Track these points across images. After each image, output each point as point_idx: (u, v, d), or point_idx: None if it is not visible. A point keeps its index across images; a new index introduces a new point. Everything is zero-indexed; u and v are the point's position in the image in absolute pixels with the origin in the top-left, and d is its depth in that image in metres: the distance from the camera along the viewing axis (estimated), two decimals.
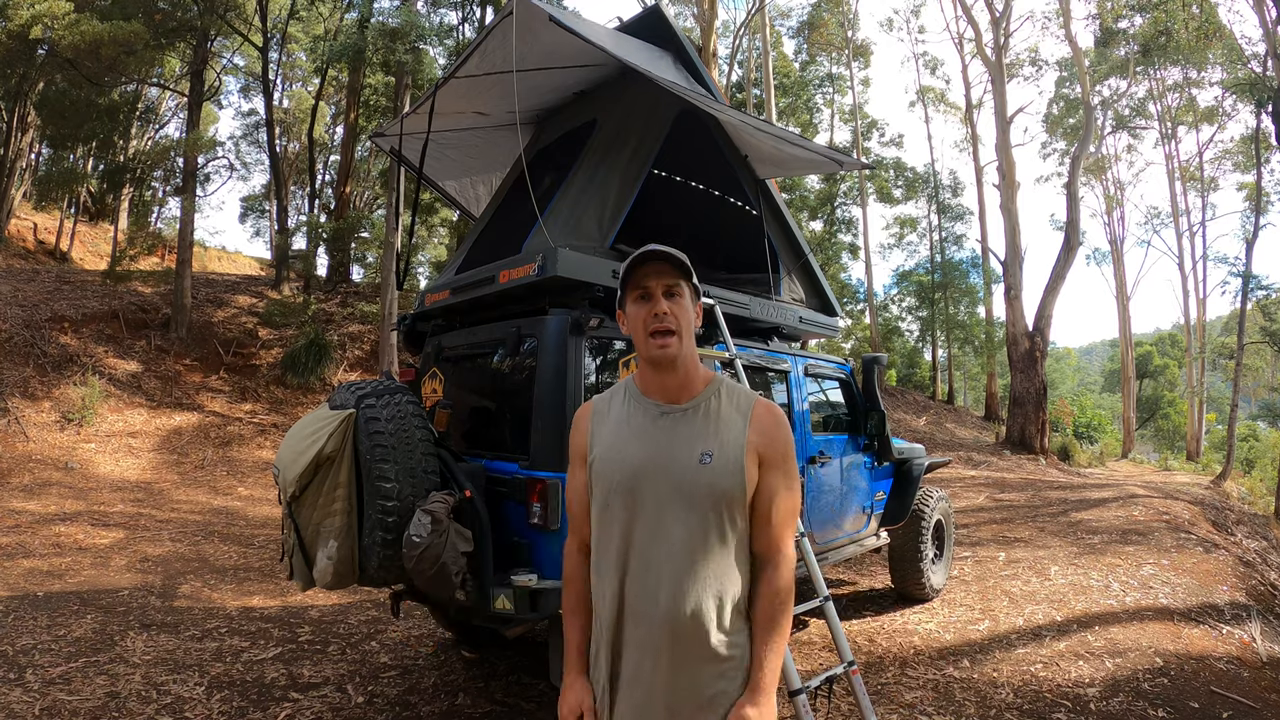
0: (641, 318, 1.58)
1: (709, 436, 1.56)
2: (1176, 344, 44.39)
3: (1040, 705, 3.82)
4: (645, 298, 1.59)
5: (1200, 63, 24.87)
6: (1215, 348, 32.82)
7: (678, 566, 1.52)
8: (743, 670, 1.55)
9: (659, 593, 1.51)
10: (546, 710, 3.73)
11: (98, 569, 6.27)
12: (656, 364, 1.60)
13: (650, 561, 1.52)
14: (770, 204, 4.97)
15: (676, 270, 1.59)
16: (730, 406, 1.61)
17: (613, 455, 1.59)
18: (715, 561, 1.54)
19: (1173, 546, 7.46)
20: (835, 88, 33.98)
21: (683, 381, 1.62)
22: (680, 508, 1.53)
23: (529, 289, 3.46)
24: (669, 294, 1.58)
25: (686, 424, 1.58)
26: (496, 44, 3.76)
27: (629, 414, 1.63)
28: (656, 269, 1.58)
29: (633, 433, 1.60)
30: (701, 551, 1.52)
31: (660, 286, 1.58)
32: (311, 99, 24.67)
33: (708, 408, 1.60)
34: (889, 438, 5.19)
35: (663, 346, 1.56)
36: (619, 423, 1.63)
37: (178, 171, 20.62)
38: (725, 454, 1.54)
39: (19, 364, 11.92)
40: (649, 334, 1.57)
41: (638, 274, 1.59)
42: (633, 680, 1.54)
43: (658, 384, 1.63)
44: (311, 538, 3.06)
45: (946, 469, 15.00)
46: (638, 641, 1.53)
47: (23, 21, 14.11)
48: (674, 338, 1.56)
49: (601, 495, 1.60)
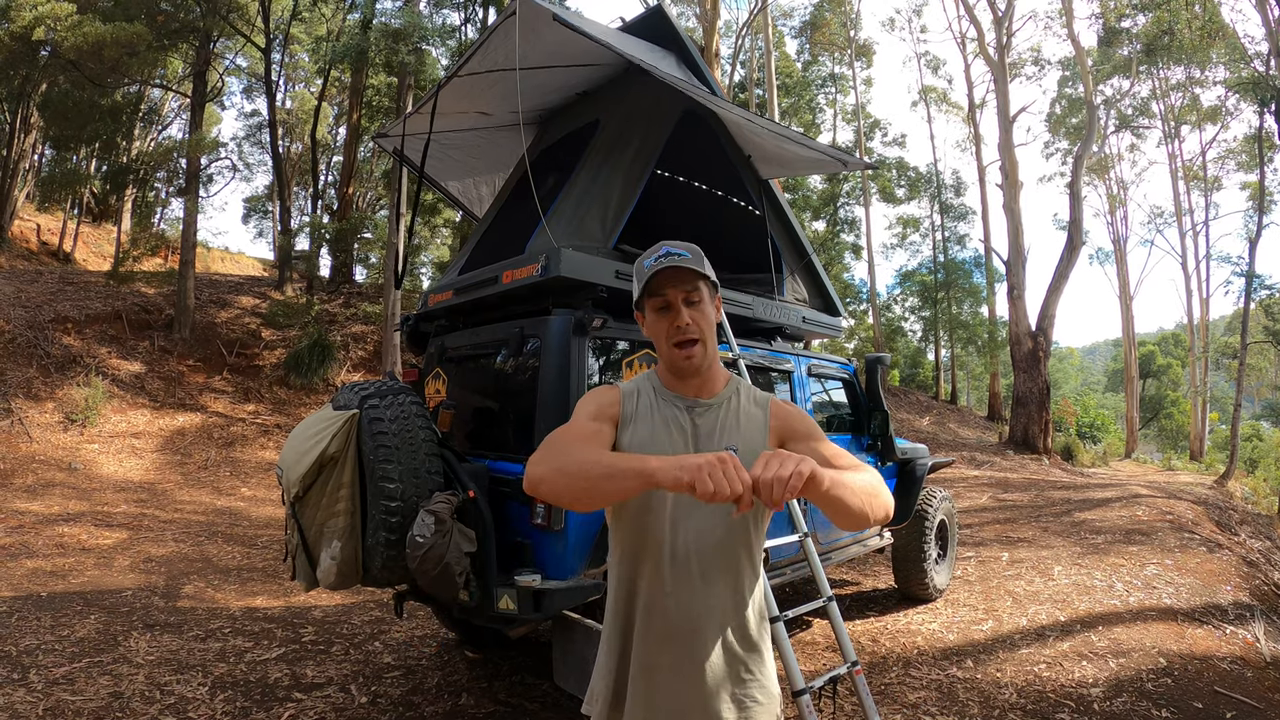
0: (664, 330, 1.59)
1: (733, 430, 1.59)
2: (1180, 343, 44.34)
3: (1044, 705, 3.81)
4: (666, 308, 1.59)
5: (1203, 62, 24.82)
6: (1218, 347, 32.79)
7: (701, 558, 1.52)
8: (760, 676, 1.55)
9: (682, 584, 1.51)
10: (550, 710, 3.73)
11: (101, 569, 6.28)
12: (682, 374, 1.62)
13: (675, 552, 1.52)
14: (773, 204, 4.97)
15: (694, 276, 1.59)
16: (750, 402, 1.65)
17: (643, 443, 1.58)
18: (736, 554, 1.55)
19: (1176, 546, 7.45)
20: (838, 88, 33.96)
21: (706, 381, 1.64)
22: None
23: (532, 289, 3.46)
24: (689, 302, 1.58)
25: (712, 417, 1.61)
26: (499, 43, 3.76)
27: (658, 406, 1.64)
28: (674, 276, 1.57)
29: (662, 423, 1.61)
30: (722, 544, 1.53)
31: (680, 295, 1.58)
32: (314, 100, 24.67)
33: (729, 404, 1.64)
34: (892, 438, 5.18)
35: (688, 357, 1.58)
36: (648, 414, 1.63)
37: (181, 172, 20.61)
38: (750, 446, 1.56)
39: (22, 365, 11.94)
40: (673, 345, 1.58)
41: (656, 282, 1.58)
42: (649, 669, 1.53)
43: (682, 384, 1.65)
44: (315, 538, 3.07)
45: (950, 469, 15.00)
46: (653, 632, 1.53)
47: (25, 23, 14.13)
48: (698, 346, 1.58)
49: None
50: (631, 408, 1.64)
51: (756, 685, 1.56)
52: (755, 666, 1.56)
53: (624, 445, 1.60)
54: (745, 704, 1.53)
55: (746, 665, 1.54)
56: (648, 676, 1.52)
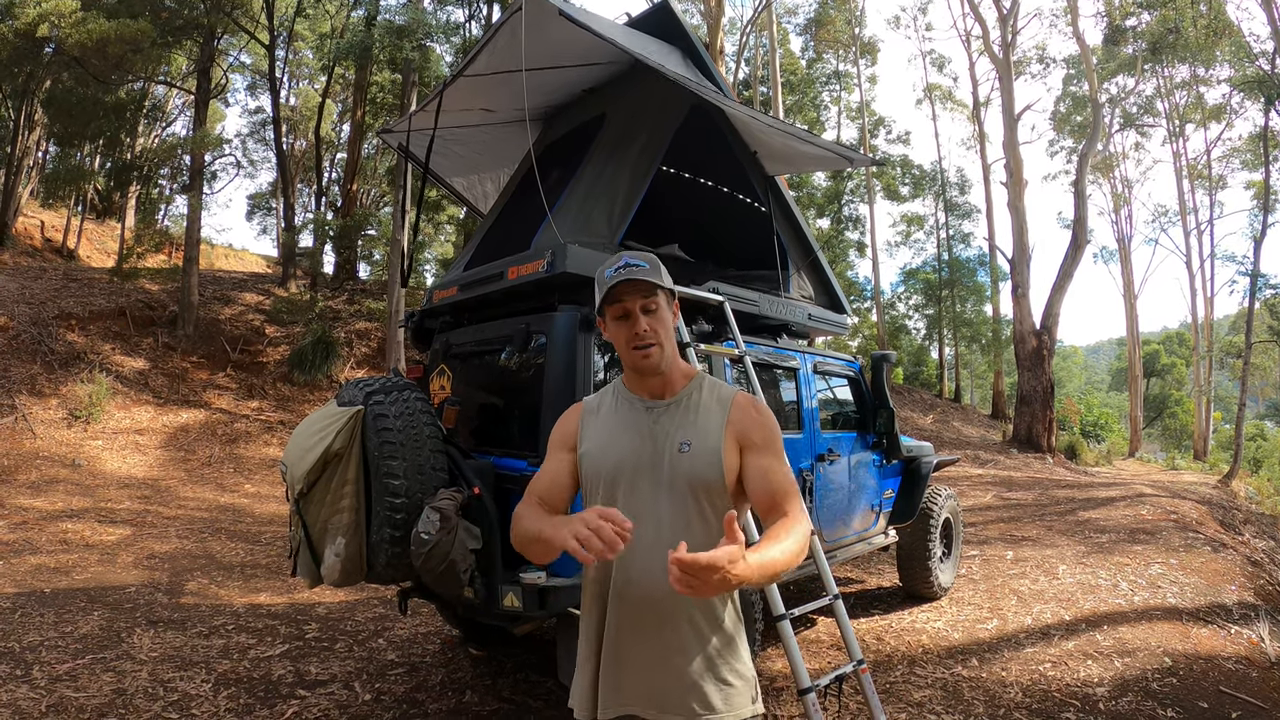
0: (624, 336, 1.67)
1: (689, 426, 1.66)
2: (1184, 343, 44.25)
3: (1049, 704, 3.79)
4: (625, 316, 1.66)
5: (1208, 60, 24.70)
6: (1223, 346, 32.64)
7: (662, 550, 1.52)
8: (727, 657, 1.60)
9: (645, 574, 1.57)
10: (554, 708, 3.72)
11: (104, 566, 6.28)
12: (640, 371, 1.70)
13: (637, 546, 1.55)
14: (779, 201, 4.95)
15: (651, 286, 1.65)
16: (711, 398, 1.71)
17: (603, 447, 1.69)
18: (696, 546, 1.54)
19: (1181, 546, 7.43)
20: (842, 85, 33.90)
21: (665, 381, 1.71)
22: (664, 495, 1.61)
23: (538, 285, 3.45)
24: (646, 310, 1.65)
25: (669, 416, 1.68)
26: (505, 41, 3.74)
27: (617, 410, 1.74)
28: (631, 287, 1.64)
29: (621, 426, 1.70)
30: (684, 536, 1.54)
31: (637, 304, 1.65)
32: (318, 97, 24.68)
33: (689, 401, 1.70)
34: (898, 435, 5.16)
35: (645, 357, 1.65)
36: (609, 418, 1.73)
37: (185, 169, 20.69)
38: (704, 443, 1.63)
39: (26, 361, 11.96)
40: (632, 348, 1.66)
41: (615, 292, 1.65)
42: (619, 661, 1.60)
43: (643, 385, 1.73)
44: (319, 535, 3.06)
45: (954, 467, 14.98)
46: (623, 622, 1.60)
47: (29, 20, 14.15)
48: (655, 348, 1.65)
49: (592, 484, 1.69)
50: (592, 420, 1.75)
51: (731, 671, 1.60)
52: (728, 653, 1.61)
53: (583, 453, 1.71)
54: (719, 687, 1.58)
55: (720, 651, 1.59)
56: (622, 658, 1.60)
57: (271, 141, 24.16)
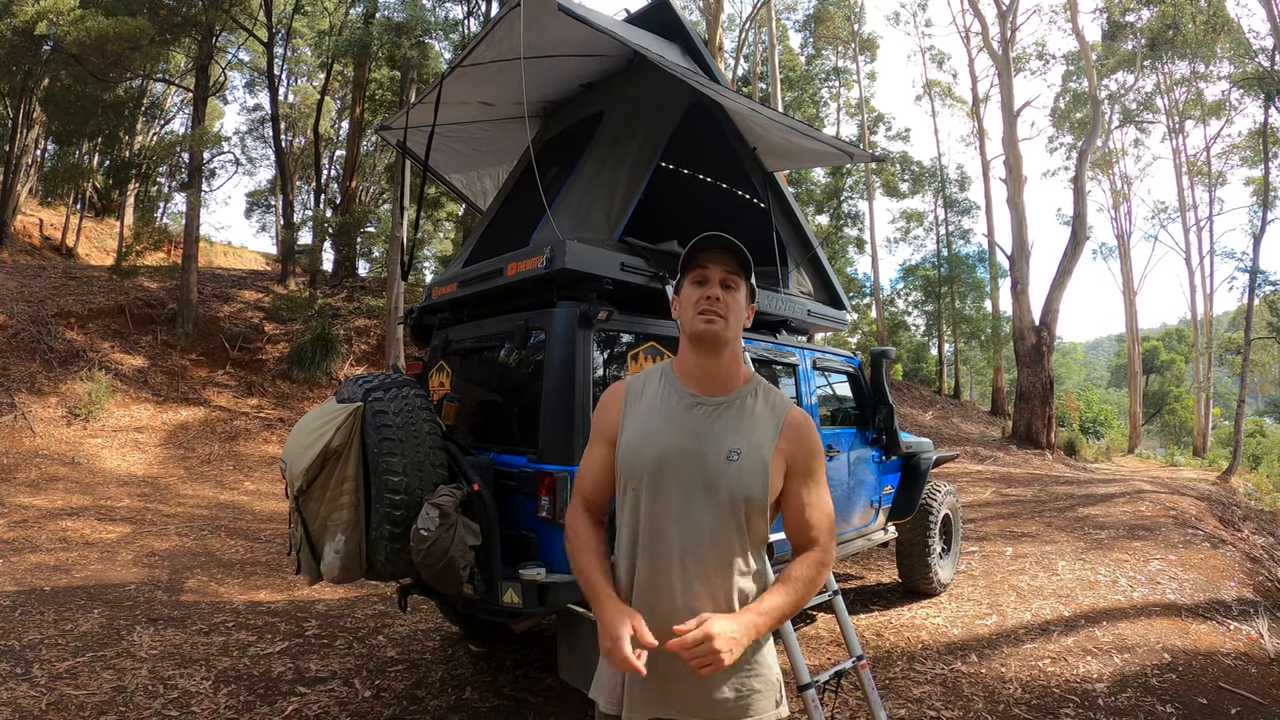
0: (695, 298, 1.58)
1: (739, 434, 1.57)
2: (1183, 339, 44.29)
3: (1048, 700, 3.80)
4: (702, 282, 1.59)
5: (1208, 56, 24.67)
6: (1222, 343, 32.68)
7: (692, 557, 1.51)
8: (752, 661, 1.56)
9: (671, 580, 1.52)
10: (554, 705, 3.73)
11: (104, 564, 6.28)
12: (700, 340, 1.59)
13: (667, 549, 1.53)
14: (778, 197, 4.94)
15: (739, 264, 1.60)
16: (765, 407, 1.62)
17: (643, 439, 1.59)
18: (727, 558, 1.54)
19: (1180, 542, 7.44)
20: (841, 82, 33.85)
21: (723, 371, 1.62)
22: (702, 500, 1.53)
23: (537, 281, 3.44)
24: (725, 285, 1.59)
25: (719, 418, 1.59)
26: (503, 36, 3.73)
27: (663, 399, 1.63)
28: (720, 257, 1.58)
29: (665, 419, 1.60)
30: (715, 546, 1.52)
31: (719, 274, 1.58)
32: (317, 94, 24.66)
33: (742, 405, 1.61)
34: (897, 432, 5.15)
35: (709, 321, 1.56)
36: (651, 407, 1.63)
37: (183, 167, 20.61)
38: (753, 454, 1.55)
39: (25, 359, 11.96)
40: (698, 311, 1.57)
41: (700, 257, 1.59)
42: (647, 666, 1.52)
43: (699, 368, 1.62)
44: (319, 532, 3.05)
45: (953, 464, 14.98)
46: (654, 629, 1.51)
47: (28, 18, 14.14)
48: (720, 320, 1.56)
49: (626, 478, 1.60)
50: (634, 405, 1.65)
51: (754, 675, 1.57)
52: (753, 657, 1.57)
53: (620, 443, 1.62)
54: (743, 691, 1.55)
55: (745, 655, 1.54)
56: (649, 666, 1.51)
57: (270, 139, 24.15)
